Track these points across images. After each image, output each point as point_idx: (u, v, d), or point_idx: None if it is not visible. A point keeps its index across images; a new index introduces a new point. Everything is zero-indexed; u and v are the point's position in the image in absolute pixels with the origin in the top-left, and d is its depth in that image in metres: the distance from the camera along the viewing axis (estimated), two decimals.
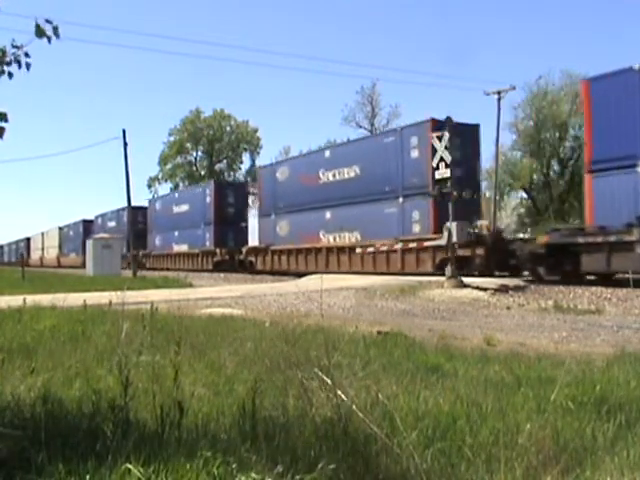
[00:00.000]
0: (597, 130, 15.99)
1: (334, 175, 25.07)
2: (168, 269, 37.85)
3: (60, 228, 66.64)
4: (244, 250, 31.51)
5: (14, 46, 3.20)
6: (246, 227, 36.19)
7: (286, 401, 3.33)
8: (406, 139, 21.49)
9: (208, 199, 35.84)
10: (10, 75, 3.24)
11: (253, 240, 33.39)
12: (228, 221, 35.05)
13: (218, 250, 33.44)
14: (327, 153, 26.72)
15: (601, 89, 16.05)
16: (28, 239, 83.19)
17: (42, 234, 74.66)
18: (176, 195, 44.04)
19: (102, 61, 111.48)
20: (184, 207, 39.25)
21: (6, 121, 3.21)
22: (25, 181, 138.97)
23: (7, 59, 3.19)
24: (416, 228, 20.86)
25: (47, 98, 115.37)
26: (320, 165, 26.03)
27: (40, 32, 3.16)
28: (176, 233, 39.77)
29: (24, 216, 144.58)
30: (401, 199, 21.62)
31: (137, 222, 44.11)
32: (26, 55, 3.22)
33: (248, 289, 16.93)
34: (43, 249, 72.98)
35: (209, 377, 4.42)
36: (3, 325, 7.15)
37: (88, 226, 56.76)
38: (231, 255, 32.78)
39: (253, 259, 30.08)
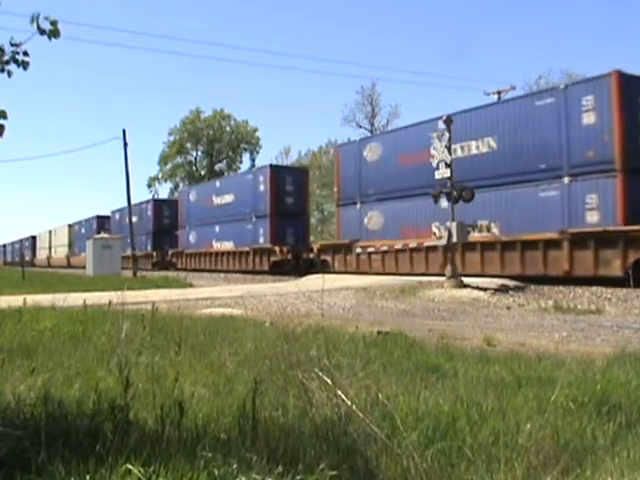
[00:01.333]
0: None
1: (456, 151, 18.10)
2: (207, 270, 32.78)
3: (70, 225, 62.01)
4: (315, 247, 26.49)
5: (12, 44, 3.19)
6: (306, 220, 30.84)
7: (286, 401, 3.33)
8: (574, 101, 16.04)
9: (261, 187, 29.61)
10: (9, 73, 3.23)
11: (313, 236, 30.65)
12: (287, 213, 28.97)
13: (277, 248, 27.51)
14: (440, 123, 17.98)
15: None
16: (33, 237, 79.10)
17: (50, 232, 69.82)
18: (217, 184, 36.19)
19: (102, 61, 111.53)
20: (228, 197, 32.75)
21: (5, 118, 3.20)
22: (25, 181, 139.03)
23: (5, 58, 3.18)
24: (593, 217, 15.54)
25: (47, 98, 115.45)
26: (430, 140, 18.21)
27: (40, 30, 3.15)
28: (217, 228, 33.51)
29: (23, 216, 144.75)
30: (567, 179, 16.18)
31: (162, 217, 41.81)
32: (25, 54, 3.21)
33: (248, 289, 16.93)
34: (51, 248, 68.43)
35: (209, 377, 4.42)
36: (3, 325, 7.14)
37: (103, 222, 52.29)
38: (295, 253, 27.41)
39: (329, 258, 24.46)
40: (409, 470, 2.59)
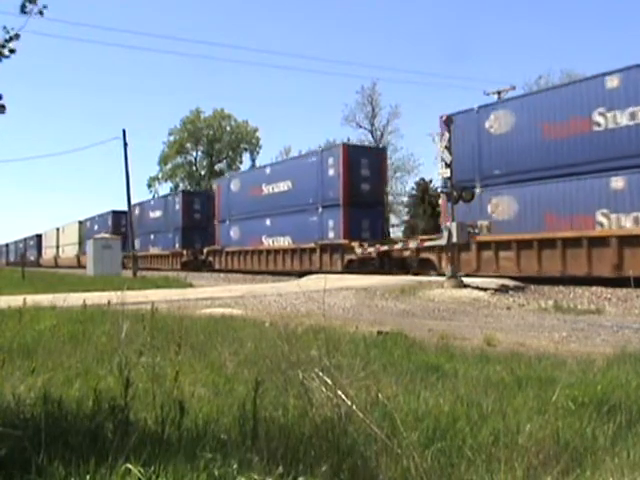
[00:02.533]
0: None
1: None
2: (256, 272, 28.21)
3: (80, 222, 57.16)
4: (413, 243, 20.98)
5: (6, 32, 3.24)
6: (384, 210, 26.18)
7: (286, 401, 3.33)
8: None
9: (331, 171, 24.37)
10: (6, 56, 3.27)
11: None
12: (363, 202, 23.96)
13: (356, 244, 22.62)
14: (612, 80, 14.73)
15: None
16: (39, 236, 74.68)
17: (57, 230, 65.06)
18: (267, 170, 30.42)
19: (102, 61, 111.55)
20: (283, 185, 27.77)
21: (4, 112, 3.23)
22: (25, 181, 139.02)
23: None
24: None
25: (47, 98, 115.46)
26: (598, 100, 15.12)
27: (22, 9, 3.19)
28: (268, 222, 28.54)
29: (23, 216, 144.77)
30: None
31: (192, 210, 37.69)
32: (16, 36, 3.26)
33: (248, 289, 16.93)
34: (58, 247, 63.46)
35: (209, 377, 4.42)
36: (3, 325, 7.14)
37: (119, 218, 47.29)
38: (381, 250, 21.71)
39: (433, 257, 19.83)
40: (409, 470, 2.59)
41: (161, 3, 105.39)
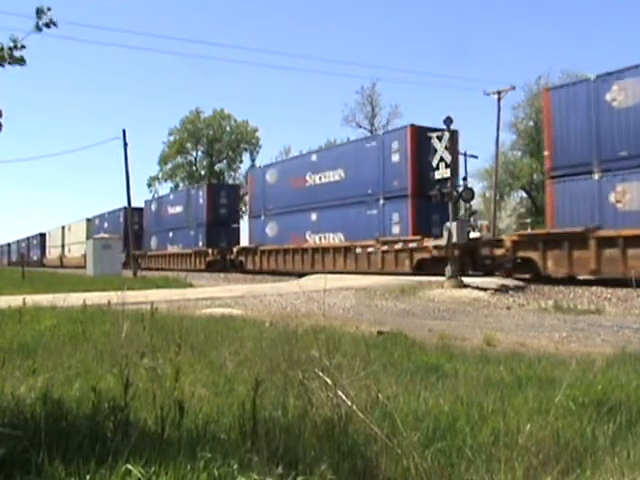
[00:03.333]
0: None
1: None
2: (299, 273, 23.80)
3: (88, 220, 53.89)
4: (508, 239, 17.58)
5: (12, 40, 3.22)
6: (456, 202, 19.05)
7: (286, 401, 3.32)
8: None
9: (395, 157, 20.92)
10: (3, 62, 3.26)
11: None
12: (425, 192, 19.06)
13: (430, 240, 19.09)
14: None
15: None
16: (42, 235, 71.71)
17: (62, 228, 61.61)
18: (313, 157, 26.59)
19: (102, 61, 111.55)
20: (334, 174, 24.26)
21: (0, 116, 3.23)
22: (24, 181, 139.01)
23: (3, 54, 3.21)
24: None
25: (47, 98, 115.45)
26: None
27: (38, 27, 3.18)
28: (314, 217, 25.03)
29: (21, 217, 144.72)
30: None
31: (218, 205, 34.39)
32: (22, 47, 3.24)
33: (248, 289, 16.93)
34: (64, 246, 59.85)
35: (209, 377, 4.42)
36: (3, 325, 7.14)
37: (131, 214, 43.36)
38: (471, 247, 18.00)
39: (536, 257, 16.10)
40: (409, 470, 2.59)
41: (161, 3, 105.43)
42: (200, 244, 34.52)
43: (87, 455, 2.51)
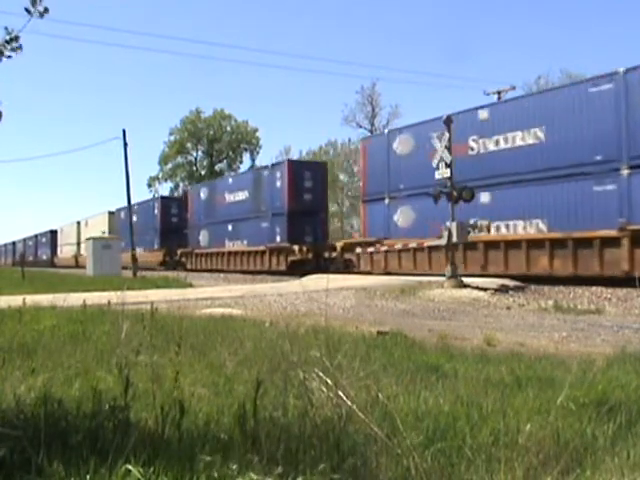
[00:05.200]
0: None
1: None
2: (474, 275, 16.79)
3: (111, 212, 46.72)
4: None
5: (8, 34, 3.24)
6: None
7: (286, 401, 3.32)
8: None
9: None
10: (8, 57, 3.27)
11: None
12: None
13: None
14: None
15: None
16: (53, 232, 65.26)
17: (77, 224, 54.76)
18: (482, 115, 18.46)
19: (103, 61, 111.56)
20: (523, 137, 17.06)
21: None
22: (24, 181, 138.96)
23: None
24: None
25: (47, 98, 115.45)
26: None
27: (28, 11, 3.20)
28: (486, 197, 17.70)
29: (21, 217, 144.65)
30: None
31: (301, 189, 26.76)
32: (16, 38, 3.25)
33: (248, 289, 16.93)
34: (79, 244, 52.55)
35: (209, 377, 4.42)
36: (3, 325, 7.14)
37: (168, 206, 38.12)
38: None
39: None
40: (409, 470, 2.59)
41: (161, 3, 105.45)
42: (278, 239, 27.20)
43: (87, 455, 2.51)
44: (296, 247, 26.21)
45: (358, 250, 22.30)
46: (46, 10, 3.22)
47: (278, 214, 27.76)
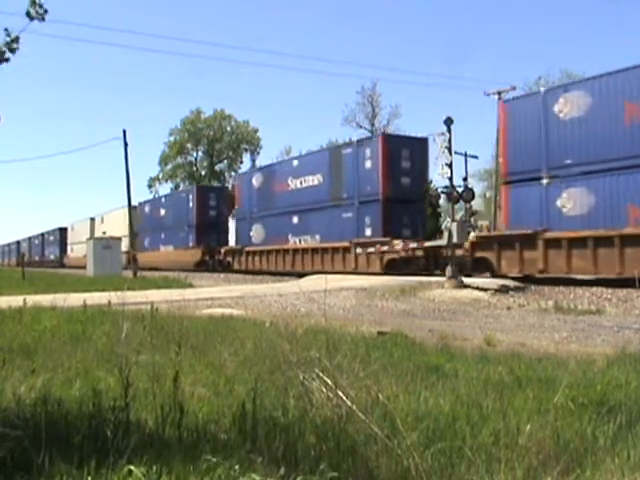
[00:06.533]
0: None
1: None
2: None
3: (133, 207, 36.65)
4: None
5: (8, 35, 3.24)
6: None
7: (286, 401, 3.32)
8: None
9: None
10: (7, 60, 3.27)
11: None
12: None
13: None
14: None
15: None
16: (62, 230, 60.50)
17: (91, 220, 49.89)
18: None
19: (103, 61, 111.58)
20: None
21: None
22: (23, 181, 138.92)
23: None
24: None
25: (47, 98, 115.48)
26: None
27: (29, 15, 3.20)
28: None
29: (20, 216, 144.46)
30: None
31: (399, 171, 21.20)
32: (16, 39, 3.25)
33: (248, 289, 16.93)
34: None
35: (209, 377, 4.42)
36: (3, 325, 7.14)
37: (205, 197, 32.81)
38: None
39: None
40: (409, 470, 2.59)
41: (161, 3, 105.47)
42: (368, 233, 21.68)
43: (88, 455, 2.51)
44: (398, 242, 20.08)
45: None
46: (45, 11, 3.22)
47: (368, 202, 21.79)
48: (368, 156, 22.02)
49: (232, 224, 31.79)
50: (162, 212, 37.09)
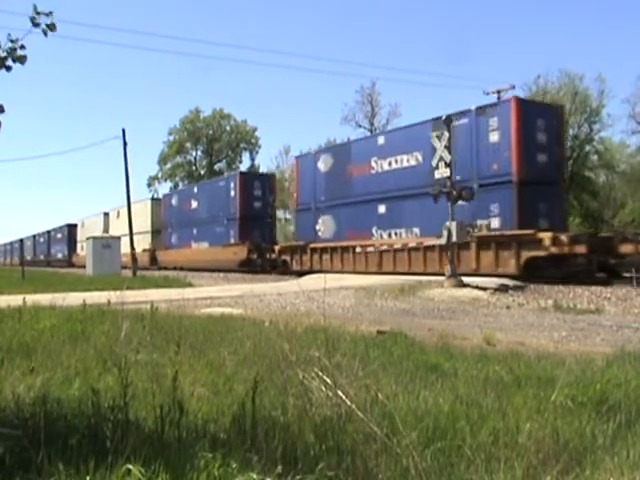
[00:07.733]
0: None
1: None
2: None
3: (155, 199, 37.00)
4: None
5: (11, 40, 3.20)
6: None
7: (286, 400, 3.32)
8: None
9: None
10: (8, 68, 3.23)
11: None
12: None
13: None
14: None
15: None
16: (71, 227, 56.53)
17: (105, 215, 46.86)
18: None
19: (102, 60, 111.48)
20: None
21: (2, 112, 3.21)
22: (23, 181, 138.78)
23: (3, 54, 3.19)
24: None
25: (47, 98, 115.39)
26: None
27: (34, 23, 3.17)
28: None
29: (19, 217, 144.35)
30: None
31: (534, 146, 17.25)
32: (21, 47, 3.22)
33: (248, 288, 16.92)
34: None
35: (209, 377, 4.42)
36: (3, 324, 7.14)
37: (250, 186, 28.81)
38: None
39: None
40: (409, 470, 2.59)
41: (161, 3, 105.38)
42: (496, 224, 17.79)
43: (87, 455, 2.51)
44: (546, 236, 16.01)
45: None
46: (53, 25, 3.18)
47: (493, 184, 17.51)
48: (494, 127, 17.69)
49: (283, 217, 30.08)
50: (194, 204, 32.30)
